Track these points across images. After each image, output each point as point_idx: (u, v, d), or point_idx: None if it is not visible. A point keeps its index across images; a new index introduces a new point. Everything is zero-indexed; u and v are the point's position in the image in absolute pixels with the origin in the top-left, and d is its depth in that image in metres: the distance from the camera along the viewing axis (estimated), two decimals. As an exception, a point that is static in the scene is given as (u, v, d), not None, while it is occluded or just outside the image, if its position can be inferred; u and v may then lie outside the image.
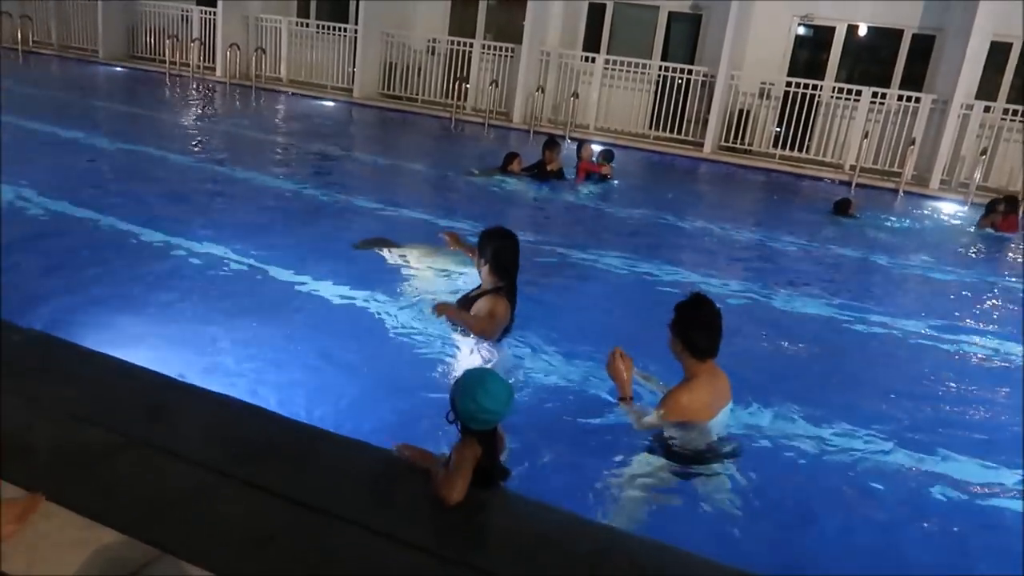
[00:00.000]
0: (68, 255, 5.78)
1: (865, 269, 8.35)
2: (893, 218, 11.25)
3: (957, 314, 6.75)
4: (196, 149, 10.97)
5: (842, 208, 10.37)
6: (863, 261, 8.59)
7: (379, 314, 5.14)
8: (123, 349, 3.77)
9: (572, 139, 14.28)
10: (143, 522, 2.31)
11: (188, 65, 18.06)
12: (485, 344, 4.46)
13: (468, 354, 4.44)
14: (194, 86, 17.25)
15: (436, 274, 5.71)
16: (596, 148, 11.47)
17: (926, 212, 11.99)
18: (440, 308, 4.64)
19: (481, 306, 4.47)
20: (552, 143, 10.36)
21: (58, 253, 5.80)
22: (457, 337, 4.57)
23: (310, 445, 2.92)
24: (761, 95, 14.26)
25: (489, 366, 4.18)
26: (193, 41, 18.15)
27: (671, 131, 14.75)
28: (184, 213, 7.12)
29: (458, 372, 2.94)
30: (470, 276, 5.27)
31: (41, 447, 2.69)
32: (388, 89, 17.10)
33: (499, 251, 4.49)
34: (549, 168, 10.19)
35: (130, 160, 9.53)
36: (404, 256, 5.71)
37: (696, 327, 3.47)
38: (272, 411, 3.22)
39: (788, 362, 5.38)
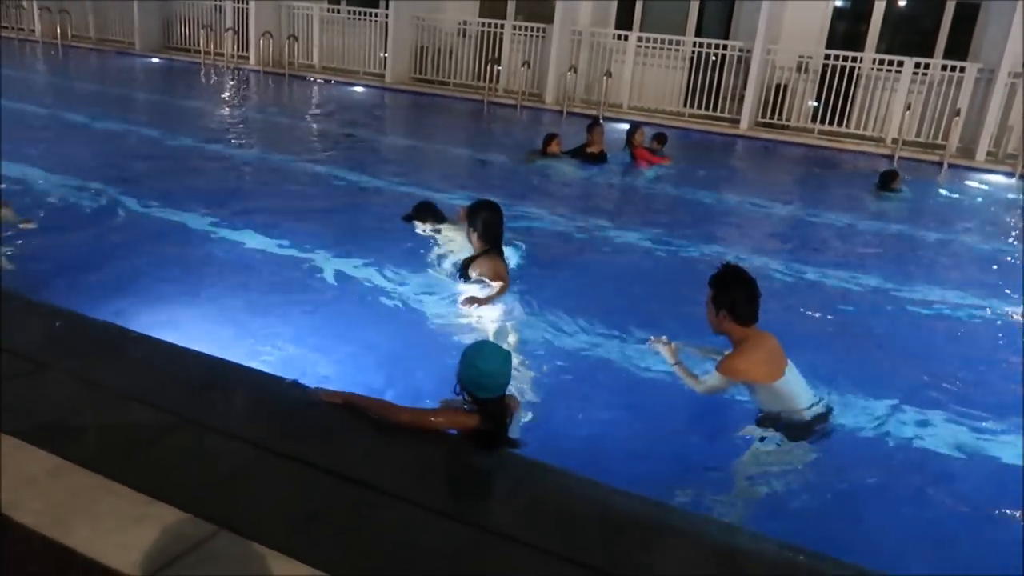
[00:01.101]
0: (116, 242, 5.92)
1: (916, 244, 8.18)
2: (944, 191, 11.00)
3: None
4: (233, 137, 11.10)
5: (887, 181, 10.10)
6: (914, 235, 8.41)
7: (416, 295, 5.20)
8: (170, 331, 3.86)
9: (605, 118, 14.15)
10: (199, 499, 2.36)
11: (222, 54, 18.24)
12: (499, 307, 4.85)
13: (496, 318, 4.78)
14: (229, 75, 17.42)
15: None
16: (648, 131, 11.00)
17: (973, 185, 11.68)
18: (468, 301, 4.83)
19: (484, 269, 4.98)
20: (595, 125, 10.14)
21: (106, 240, 5.93)
22: (485, 312, 4.81)
23: (353, 422, 2.95)
24: (799, 69, 13.96)
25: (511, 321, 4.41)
26: (227, 31, 18.30)
27: (706, 108, 14.53)
28: (227, 201, 7.22)
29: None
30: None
31: (98, 427, 2.76)
32: (420, 73, 17.09)
33: (487, 221, 4.96)
34: (590, 150, 9.91)
35: (168, 149, 9.67)
36: (439, 231, 5.74)
37: (736, 294, 3.52)
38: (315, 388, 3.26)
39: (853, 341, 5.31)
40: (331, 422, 2.91)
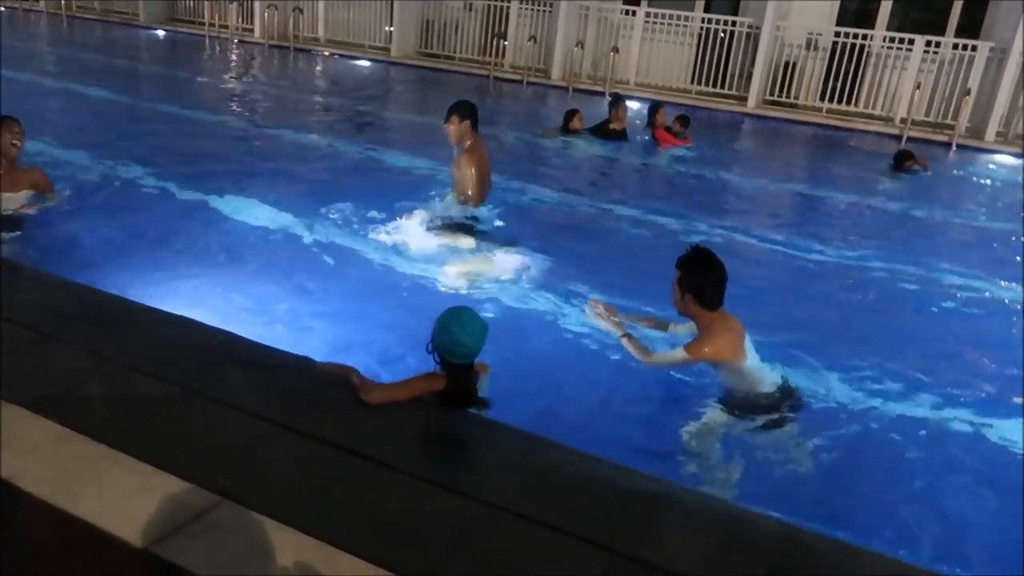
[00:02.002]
0: (113, 214, 5.91)
1: (924, 224, 8.15)
2: (955, 171, 10.92)
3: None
4: (239, 110, 11.04)
5: (901, 161, 9.98)
6: (924, 216, 8.37)
7: (420, 270, 5.20)
8: (176, 304, 3.86)
9: (611, 95, 14.05)
10: (204, 470, 2.37)
11: (227, 27, 18.10)
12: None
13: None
14: (233, 48, 17.30)
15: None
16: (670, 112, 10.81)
17: (983, 165, 11.60)
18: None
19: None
20: (620, 101, 10.03)
21: (111, 213, 5.92)
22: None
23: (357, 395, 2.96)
24: (808, 46, 13.81)
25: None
26: (232, 2, 18.15)
27: (714, 85, 14.41)
28: (232, 173, 7.21)
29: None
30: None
31: (104, 398, 2.77)
32: (425, 47, 16.95)
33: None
34: (612, 127, 9.78)
35: (172, 122, 9.62)
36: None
37: (703, 278, 3.47)
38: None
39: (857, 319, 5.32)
40: (338, 396, 2.92)
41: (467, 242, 5.52)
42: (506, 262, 5.35)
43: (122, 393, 2.80)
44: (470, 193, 5.69)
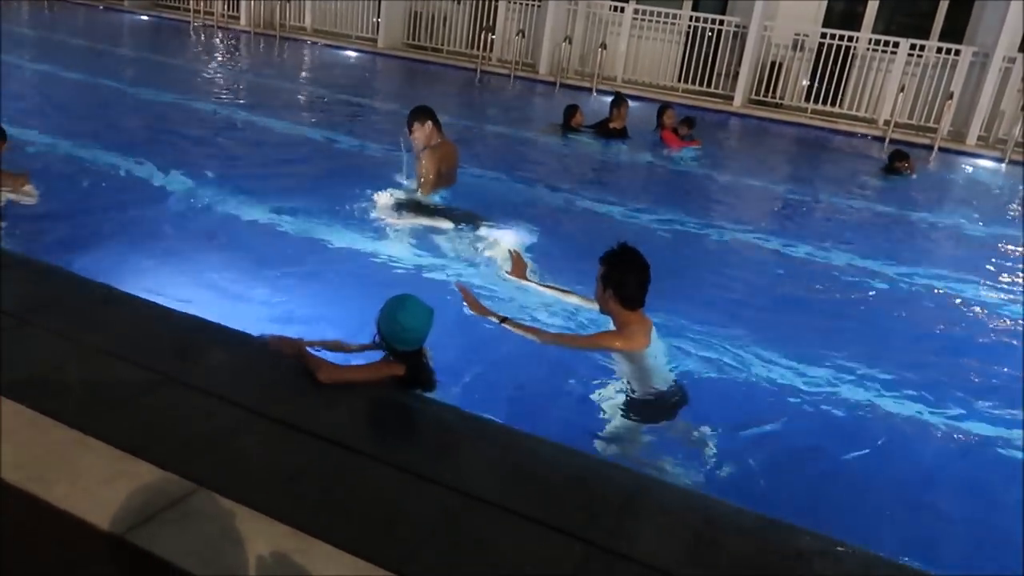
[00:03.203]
0: (101, 200, 5.85)
1: (912, 225, 8.24)
2: (953, 176, 11.05)
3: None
4: (223, 98, 10.93)
5: (894, 161, 10.02)
6: (911, 217, 8.45)
7: (406, 261, 5.19)
8: (153, 292, 3.83)
9: (598, 91, 14.04)
10: (178, 457, 2.35)
11: (212, 14, 17.91)
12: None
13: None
14: (218, 36, 17.13)
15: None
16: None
17: (964, 169, 11.73)
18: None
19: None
20: (622, 101, 9.97)
21: (89, 198, 5.86)
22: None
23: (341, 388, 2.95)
24: (794, 47, 13.88)
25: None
26: (217, -11, 17.98)
27: (700, 84, 14.44)
28: (214, 162, 7.14)
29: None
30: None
31: (79, 383, 2.74)
32: (413, 39, 16.87)
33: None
34: (612, 125, 9.75)
35: (154, 109, 9.51)
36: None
37: (627, 277, 3.40)
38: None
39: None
40: (310, 383, 2.90)
41: (429, 222, 5.69)
42: (475, 242, 5.48)
43: (96, 378, 2.77)
44: (422, 183, 5.81)
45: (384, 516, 2.24)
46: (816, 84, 13.66)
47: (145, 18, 18.61)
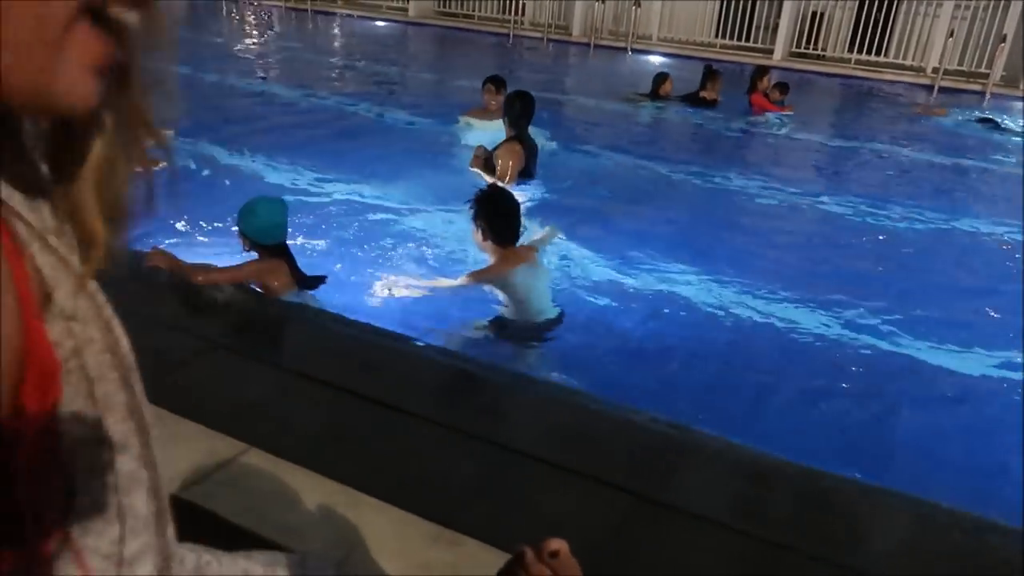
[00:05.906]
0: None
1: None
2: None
3: None
4: (255, 71, 10.99)
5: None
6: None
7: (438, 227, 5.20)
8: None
9: (633, 50, 13.79)
10: (228, 419, 2.40)
11: (244, -11, 18.00)
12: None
13: None
14: (250, 10, 17.19)
15: None
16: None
17: (1020, 115, 11.27)
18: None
19: (500, 152, 5.76)
20: (716, 74, 9.79)
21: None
22: None
23: (387, 350, 2.97)
24: (836, -5, 13.44)
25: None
26: (248, -36, 18.01)
27: (738, 38, 14.09)
28: (250, 134, 7.20)
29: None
30: None
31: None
32: (444, 7, 16.72)
33: (522, 104, 5.79)
34: (704, 95, 9.60)
35: (185, 84, 9.59)
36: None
37: (494, 215, 3.73)
38: (350, 318, 3.29)
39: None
40: (356, 346, 2.93)
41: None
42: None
43: (147, 345, 2.83)
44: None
45: (431, 473, 2.26)
46: (860, 33, 13.21)
47: (179, -3, 18.74)
